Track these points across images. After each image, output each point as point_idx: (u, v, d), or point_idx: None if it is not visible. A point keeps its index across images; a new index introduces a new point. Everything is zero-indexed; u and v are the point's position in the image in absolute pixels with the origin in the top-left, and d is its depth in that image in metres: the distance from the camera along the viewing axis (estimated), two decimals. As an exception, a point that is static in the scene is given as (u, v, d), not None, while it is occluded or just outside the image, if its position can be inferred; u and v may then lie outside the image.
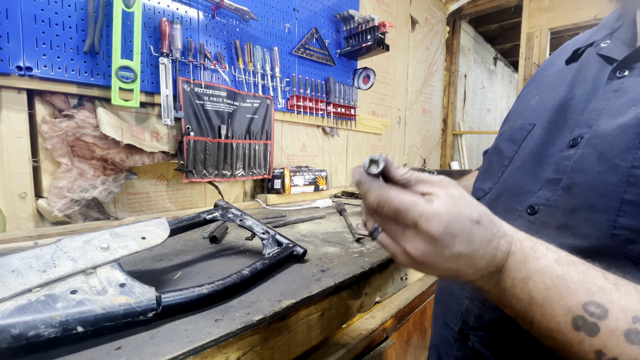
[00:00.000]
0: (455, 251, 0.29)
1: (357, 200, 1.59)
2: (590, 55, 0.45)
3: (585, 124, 0.39)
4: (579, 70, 0.46)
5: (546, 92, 0.49)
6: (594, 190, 0.34)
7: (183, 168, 1.13)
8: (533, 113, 0.48)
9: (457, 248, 0.29)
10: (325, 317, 0.55)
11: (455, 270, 0.31)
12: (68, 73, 0.88)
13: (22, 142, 0.84)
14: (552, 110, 0.45)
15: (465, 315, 0.48)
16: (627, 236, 0.31)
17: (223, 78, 1.23)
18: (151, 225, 0.54)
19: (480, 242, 0.30)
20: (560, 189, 0.38)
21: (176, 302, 0.43)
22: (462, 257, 0.30)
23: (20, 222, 0.85)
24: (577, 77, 0.45)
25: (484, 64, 3.74)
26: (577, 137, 0.39)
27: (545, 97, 0.48)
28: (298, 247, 0.66)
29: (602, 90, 0.40)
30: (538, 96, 0.50)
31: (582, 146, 0.38)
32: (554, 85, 0.48)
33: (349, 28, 1.69)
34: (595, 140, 0.36)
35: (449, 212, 0.29)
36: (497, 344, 0.43)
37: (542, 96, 0.49)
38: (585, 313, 0.26)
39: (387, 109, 2.24)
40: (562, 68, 0.49)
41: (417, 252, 0.30)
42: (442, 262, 0.30)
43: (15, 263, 0.39)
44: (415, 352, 1.11)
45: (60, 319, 0.35)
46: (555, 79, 0.49)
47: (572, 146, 0.39)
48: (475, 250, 0.30)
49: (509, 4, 2.62)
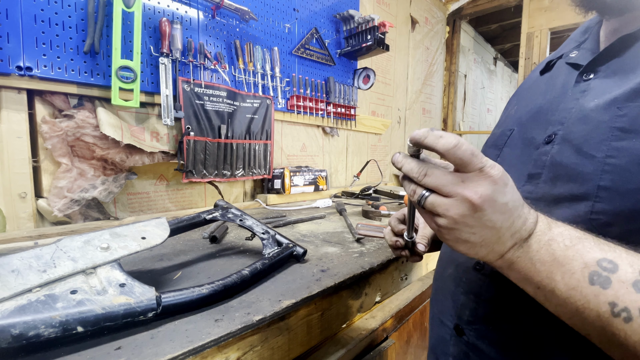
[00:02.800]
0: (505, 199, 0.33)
1: (357, 200, 1.59)
2: (560, 65, 0.50)
3: (558, 122, 0.43)
4: (550, 79, 0.51)
5: (523, 101, 0.54)
6: (574, 180, 0.38)
7: (183, 168, 1.13)
8: (512, 120, 0.53)
9: (507, 196, 0.33)
10: (325, 317, 0.55)
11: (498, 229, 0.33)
12: (68, 73, 0.88)
13: (22, 142, 0.84)
14: (527, 115, 0.50)
15: (461, 311, 0.49)
16: (605, 220, 0.35)
17: (223, 78, 1.23)
18: (151, 225, 0.54)
19: (518, 202, 0.33)
20: (542, 182, 0.42)
21: (176, 302, 0.43)
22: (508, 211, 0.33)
23: (20, 222, 0.85)
24: (549, 84, 0.50)
25: (484, 64, 3.74)
26: (551, 134, 0.43)
27: (522, 105, 0.53)
28: (298, 247, 0.66)
29: (570, 92, 0.44)
30: (517, 106, 0.55)
31: (557, 142, 0.42)
32: (529, 94, 0.54)
33: (349, 28, 1.69)
34: (570, 135, 0.40)
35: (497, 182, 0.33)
36: (492, 336, 0.44)
37: (519, 105, 0.54)
38: (599, 268, 0.30)
39: (387, 109, 2.24)
40: (537, 79, 0.55)
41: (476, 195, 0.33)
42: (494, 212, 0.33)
43: (15, 263, 0.39)
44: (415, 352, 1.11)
45: (60, 319, 0.35)
46: (530, 89, 0.55)
47: (547, 142, 0.43)
48: (515, 208, 0.33)
49: (509, 4, 2.62)
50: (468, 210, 0.33)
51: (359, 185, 1.88)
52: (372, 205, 1.25)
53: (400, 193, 1.62)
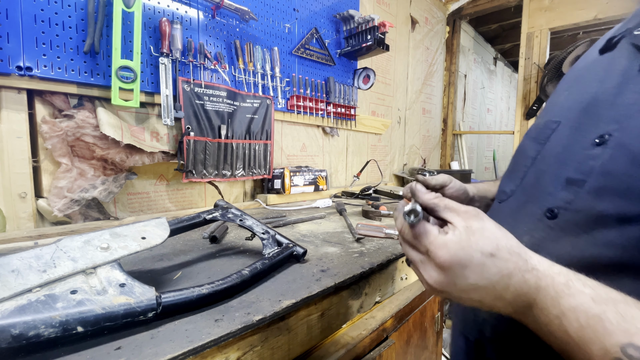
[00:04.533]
0: (469, 282, 0.30)
1: (357, 200, 1.59)
2: (624, 45, 0.40)
3: (613, 120, 0.35)
4: (611, 61, 0.40)
5: (575, 87, 0.44)
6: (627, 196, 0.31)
7: (183, 168, 1.13)
8: (559, 110, 0.45)
9: (470, 279, 0.30)
10: (325, 317, 0.55)
11: (479, 301, 0.31)
12: (68, 73, 0.88)
13: (22, 142, 0.84)
14: (579, 106, 0.41)
15: (482, 326, 0.47)
16: None
17: (223, 78, 1.23)
18: (151, 225, 0.54)
19: (498, 275, 0.30)
20: (584, 192, 0.35)
21: (176, 302, 0.43)
22: (481, 289, 0.30)
23: (20, 222, 0.85)
24: (608, 69, 0.40)
25: (484, 64, 3.74)
26: (603, 134, 0.35)
27: (574, 91, 0.44)
28: (298, 247, 0.66)
29: (632, 82, 0.35)
30: (567, 91, 0.46)
31: (611, 145, 0.34)
32: (583, 78, 0.44)
33: (349, 28, 1.69)
34: (627, 139, 0.33)
35: (458, 244, 0.31)
36: (513, 355, 0.42)
37: (570, 91, 0.45)
38: (624, 356, 0.25)
39: (387, 109, 2.24)
40: (595, 59, 0.44)
41: (431, 280, 0.32)
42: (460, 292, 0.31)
43: (15, 263, 0.39)
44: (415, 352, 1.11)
45: (60, 319, 0.35)
46: (585, 72, 0.44)
47: (598, 144, 0.35)
48: (495, 283, 0.30)
49: (509, 4, 2.62)
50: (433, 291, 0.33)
51: (359, 185, 1.88)
52: (372, 205, 1.25)
53: (400, 193, 1.62)
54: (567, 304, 0.28)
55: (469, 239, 0.31)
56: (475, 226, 0.32)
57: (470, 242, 0.30)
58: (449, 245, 0.31)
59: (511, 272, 0.30)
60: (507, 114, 4.69)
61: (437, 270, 0.31)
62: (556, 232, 0.37)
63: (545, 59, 2.46)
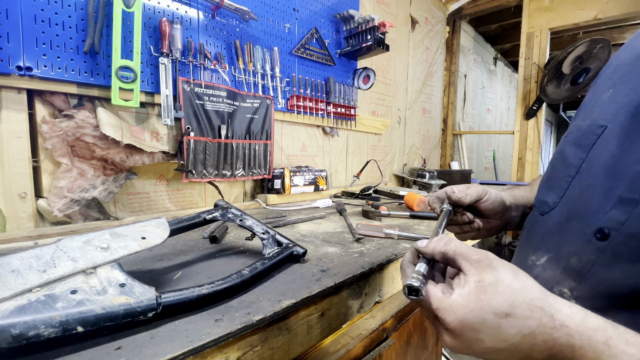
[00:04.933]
0: (485, 346, 0.28)
1: (357, 200, 1.59)
2: None
3: None
4: None
5: (622, 85, 0.38)
6: None
7: (183, 168, 1.13)
8: (605, 111, 0.39)
9: (486, 343, 0.28)
10: (325, 317, 0.55)
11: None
12: (68, 73, 0.88)
13: (22, 142, 0.84)
14: (629, 109, 0.35)
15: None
16: None
17: (223, 78, 1.23)
18: (151, 225, 0.54)
19: (518, 336, 0.27)
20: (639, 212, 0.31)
21: (176, 302, 0.43)
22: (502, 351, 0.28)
23: (20, 222, 0.85)
24: None
25: (484, 64, 3.74)
26: None
27: (621, 91, 0.38)
28: (298, 247, 0.66)
29: None
30: (612, 89, 0.39)
31: None
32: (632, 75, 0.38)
33: (349, 28, 1.69)
34: None
35: (465, 306, 0.28)
36: None
37: (616, 89, 0.39)
38: None
39: (387, 109, 2.24)
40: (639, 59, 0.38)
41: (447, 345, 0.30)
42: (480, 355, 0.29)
43: (15, 263, 0.39)
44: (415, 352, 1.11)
45: (60, 319, 0.35)
46: (634, 67, 0.38)
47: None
48: (516, 344, 0.27)
49: (509, 4, 2.62)
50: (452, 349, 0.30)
51: (359, 185, 1.88)
52: (372, 205, 1.25)
53: (400, 193, 1.62)
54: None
55: (479, 298, 0.28)
56: (487, 280, 0.29)
57: (481, 303, 0.28)
58: (456, 310, 0.28)
59: (533, 331, 0.27)
60: (507, 114, 4.69)
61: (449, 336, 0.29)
62: (607, 256, 0.33)
63: (545, 59, 2.47)
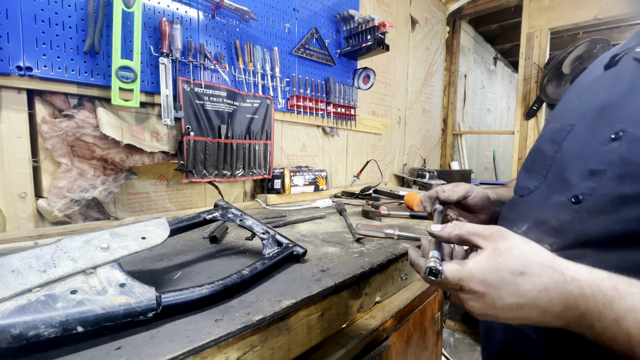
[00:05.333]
0: (507, 302, 0.32)
1: (357, 200, 1.59)
2: (627, 60, 0.48)
3: (627, 119, 0.42)
4: (617, 74, 0.49)
5: (585, 96, 0.52)
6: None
7: (183, 168, 1.13)
8: (573, 115, 0.51)
9: (507, 299, 0.32)
10: (325, 317, 0.55)
11: (527, 318, 0.33)
12: (68, 73, 0.88)
13: (22, 142, 0.84)
14: (592, 111, 0.48)
15: None
16: None
17: (223, 78, 1.23)
18: (151, 225, 0.54)
19: (534, 291, 0.32)
20: (607, 179, 0.41)
21: (176, 302, 0.43)
22: (523, 307, 0.32)
23: (20, 222, 0.85)
24: (615, 80, 0.48)
25: (484, 64, 3.74)
26: (618, 131, 0.42)
27: (585, 100, 0.51)
28: (298, 247, 0.66)
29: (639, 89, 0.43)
30: (577, 100, 0.53)
31: (626, 139, 0.40)
32: (593, 89, 0.51)
33: (349, 28, 1.69)
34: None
35: (484, 269, 0.33)
36: None
37: (581, 99, 0.52)
38: None
39: (387, 109, 2.24)
40: (601, 74, 0.52)
41: (474, 309, 0.34)
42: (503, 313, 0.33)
43: (15, 263, 0.39)
44: (415, 352, 1.11)
45: (60, 319, 0.35)
46: (594, 84, 0.52)
47: (614, 139, 0.42)
48: (534, 298, 0.32)
49: (509, 4, 2.62)
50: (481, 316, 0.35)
51: (359, 185, 1.88)
52: (372, 205, 1.25)
53: (400, 193, 1.62)
54: (622, 306, 0.29)
55: (497, 261, 0.33)
56: (502, 247, 0.34)
57: (499, 264, 0.32)
58: (476, 273, 0.33)
59: (547, 286, 0.31)
60: (507, 114, 4.69)
61: (475, 300, 0.34)
62: (581, 214, 0.42)
63: (545, 59, 2.47)
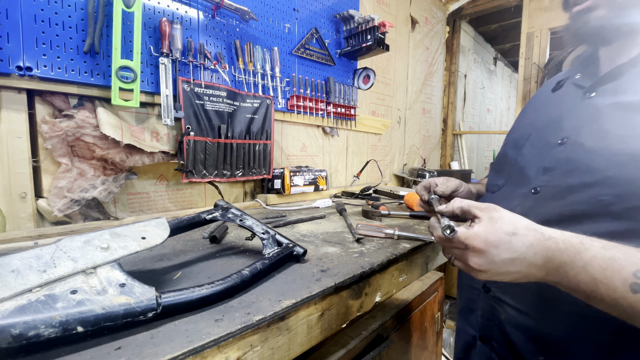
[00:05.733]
0: (503, 257, 0.40)
1: (357, 200, 1.59)
2: (568, 85, 0.63)
3: (569, 129, 0.55)
4: (561, 96, 0.64)
5: (538, 112, 0.68)
6: (584, 172, 0.48)
7: (183, 168, 1.13)
8: (529, 127, 0.66)
9: (503, 255, 0.40)
10: (325, 317, 0.55)
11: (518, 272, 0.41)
12: (68, 73, 0.88)
13: (22, 142, 0.84)
14: (543, 123, 0.63)
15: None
16: (609, 200, 0.44)
17: (223, 78, 1.23)
18: (151, 225, 0.54)
19: (524, 247, 0.40)
20: (557, 174, 0.53)
21: (176, 302, 0.43)
22: (515, 261, 0.40)
23: (20, 222, 0.85)
24: (560, 100, 0.63)
25: (484, 64, 3.74)
26: (563, 138, 0.55)
27: (538, 115, 0.67)
28: (298, 247, 0.66)
29: (577, 108, 0.57)
30: (532, 115, 0.69)
31: (569, 144, 0.53)
32: (543, 107, 0.67)
33: (349, 28, 1.69)
34: (579, 139, 0.52)
35: (486, 231, 0.42)
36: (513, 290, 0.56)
37: (535, 115, 0.68)
38: (636, 279, 0.35)
39: (387, 109, 2.24)
40: (549, 95, 0.68)
41: (476, 265, 0.43)
42: (500, 267, 0.41)
43: (15, 263, 0.39)
44: (415, 352, 1.11)
45: (60, 319, 0.35)
46: (544, 102, 0.69)
47: (560, 144, 0.55)
48: (524, 253, 0.40)
49: (509, 4, 2.62)
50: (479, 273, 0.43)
51: (359, 185, 1.88)
52: (372, 205, 1.25)
53: (400, 193, 1.62)
54: (588, 255, 0.38)
55: (494, 225, 0.42)
56: (496, 216, 0.43)
57: (496, 228, 0.41)
58: (480, 235, 0.42)
59: (532, 243, 0.40)
60: (507, 114, 4.69)
61: (477, 256, 0.42)
62: (540, 201, 0.54)
63: (545, 59, 2.46)
